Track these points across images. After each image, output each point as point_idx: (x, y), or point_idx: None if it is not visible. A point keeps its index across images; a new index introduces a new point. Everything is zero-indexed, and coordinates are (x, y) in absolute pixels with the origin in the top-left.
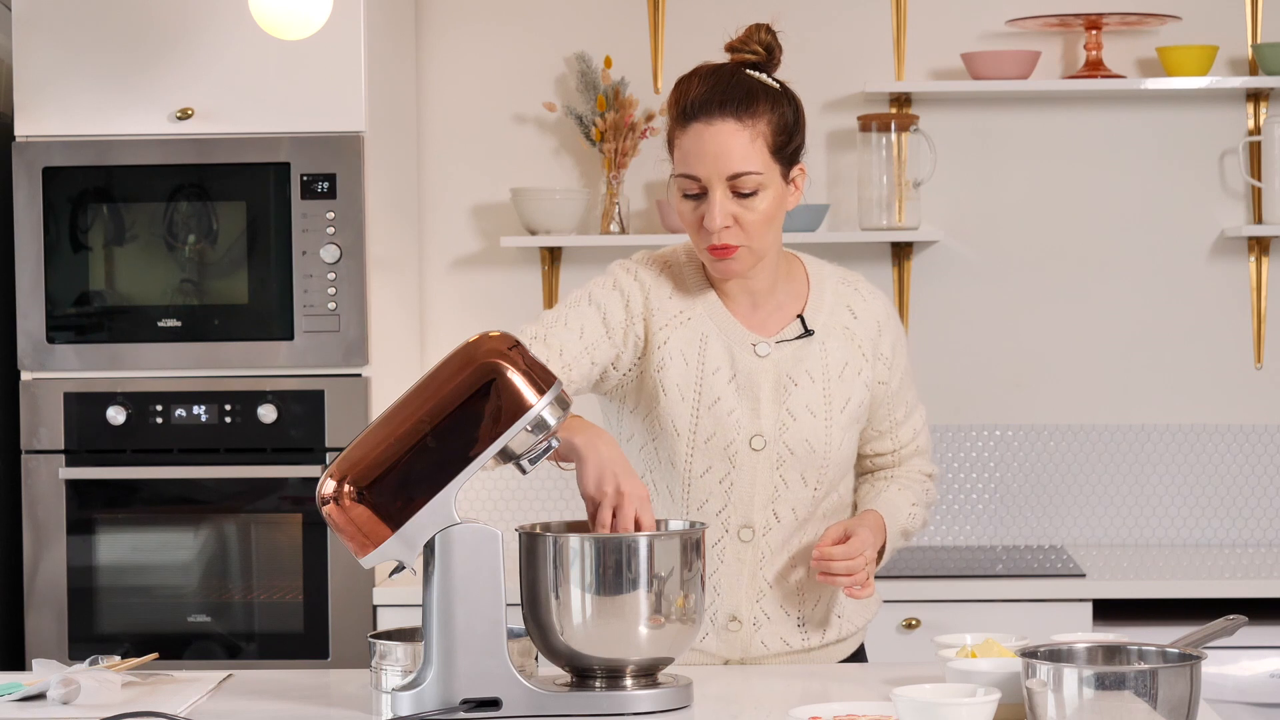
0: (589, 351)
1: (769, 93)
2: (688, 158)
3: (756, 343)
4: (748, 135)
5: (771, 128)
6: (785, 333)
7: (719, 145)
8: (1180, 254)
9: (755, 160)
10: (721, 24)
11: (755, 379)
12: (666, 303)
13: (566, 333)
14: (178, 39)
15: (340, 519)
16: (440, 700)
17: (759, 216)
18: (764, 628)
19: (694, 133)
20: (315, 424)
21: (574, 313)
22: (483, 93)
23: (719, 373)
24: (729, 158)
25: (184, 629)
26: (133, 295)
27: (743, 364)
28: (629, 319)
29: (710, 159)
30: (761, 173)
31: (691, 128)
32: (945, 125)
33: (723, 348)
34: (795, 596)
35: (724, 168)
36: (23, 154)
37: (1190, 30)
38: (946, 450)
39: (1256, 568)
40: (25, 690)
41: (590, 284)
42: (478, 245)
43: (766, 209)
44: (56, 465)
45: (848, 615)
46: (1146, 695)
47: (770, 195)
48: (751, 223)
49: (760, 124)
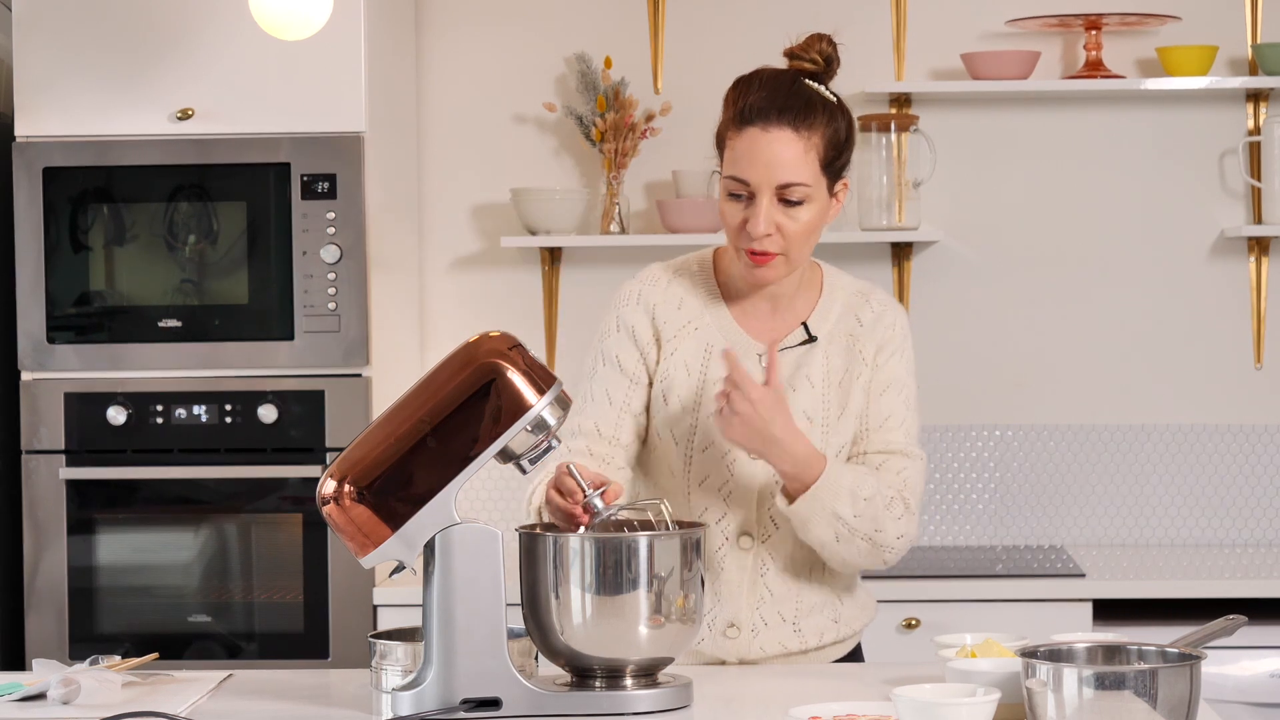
0: (627, 408)
1: (826, 105)
2: (739, 161)
3: (761, 352)
4: (801, 146)
5: (825, 141)
6: (789, 339)
7: (773, 153)
8: (1180, 254)
9: (806, 172)
10: (722, 24)
11: None
12: (675, 314)
13: (595, 406)
14: (178, 39)
15: (340, 519)
16: (440, 700)
17: (801, 227)
18: (762, 634)
19: (749, 137)
20: (315, 424)
21: (595, 383)
22: (483, 93)
23: (720, 382)
24: (781, 166)
25: (184, 629)
26: (133, 295)
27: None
28: (641, 351)
29: (762, 165)
30: (810, 185)
31: (747, 131)
32: (945, 125)
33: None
34: (793, 603)
35: (775, 176)
36: (23, 154)
37: (1190, 30)
38: (946, 450)
39: (1256, 568)
40: (25, 690)
41: (598, 334)
42: (478, 245)
43: (809, 220)
44: (57, 465)
45: (845, 619)
46: (1146, 695)
47: (815, 207)
48: (794, 232)
49: (815, 136)
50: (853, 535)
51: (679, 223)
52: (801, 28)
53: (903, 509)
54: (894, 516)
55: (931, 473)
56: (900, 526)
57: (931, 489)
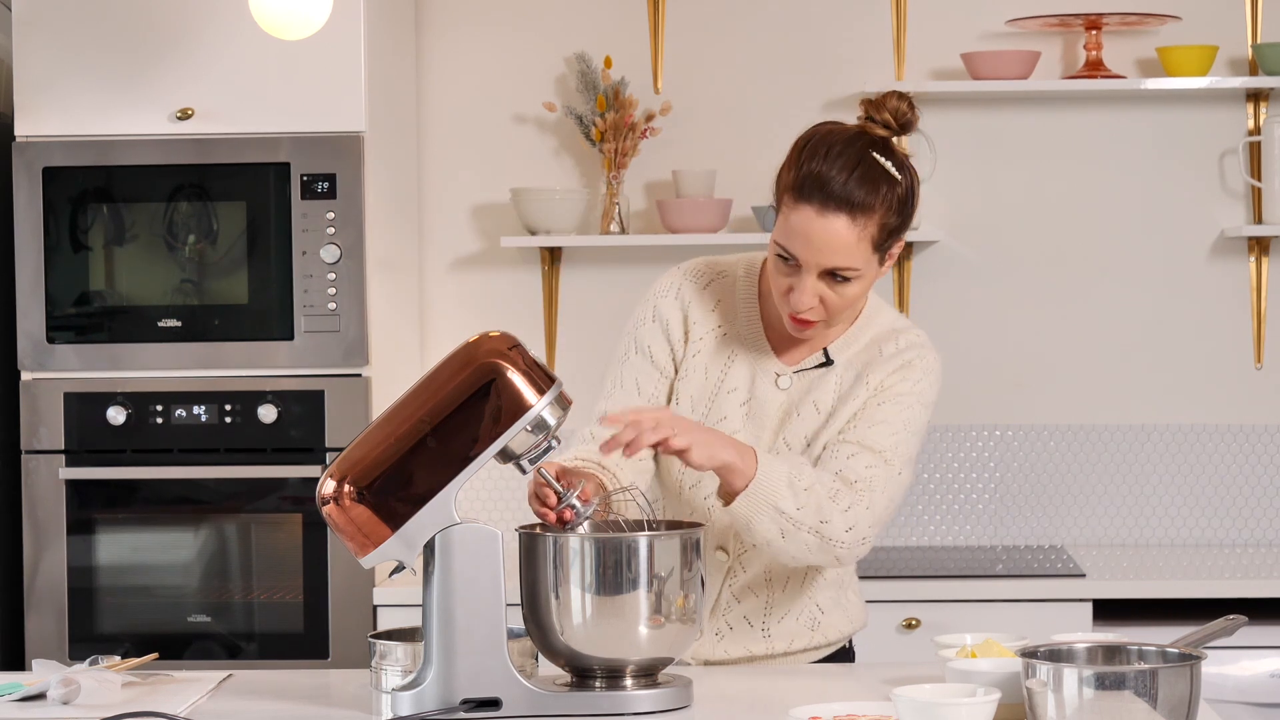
0: (655, 400)
1: (890, 183)
2: (791, 237)
3: (780, 374)
4: (856, 235)
5: (879, 226)
6: (806, 361)
7: (825, 240)
8: (1180, 254)
9: (857, 258)
10: (721, 24)
11: (767, 409)
12: (708, 315)
13: (625, 394)
14: (178, 39)
15: (340, 519)
16: (440, 700)
17: (845, 301)
18: (727, 638)
19: (803, 215)
20: (315, 424)
21: (626, 369)
22: (483, 93)
23: (734, 393)
24: (832, 253)
25: (184, 629)
26: (133, 295)
27: (760, 391)
28: (671, 346)
29: (814, 249)
30: (860, 269)
31: (801, 208)
32: (945, 125)
33: (747, 372)
34: (762, 612)
35: (824, 260)
36: (23, 154)
37: (1190, 30)
38: (946, 450)
39: (1256, 568)
40: (25, 690)
41: (633, 318)
42: (478, 245)
43: (855, 293)
44: (56, 465)
45: (824, 627)
46: (1146, 695)
47: (863, 283)
48: (837, 305)
49: (872, 224)
50: (797, 529)
51: (679, 223)
52: (802, 27)
53: (850, 501)
54: (840, 509)
55: (932, 472)
56: (848, 519)
57: (931, 489)
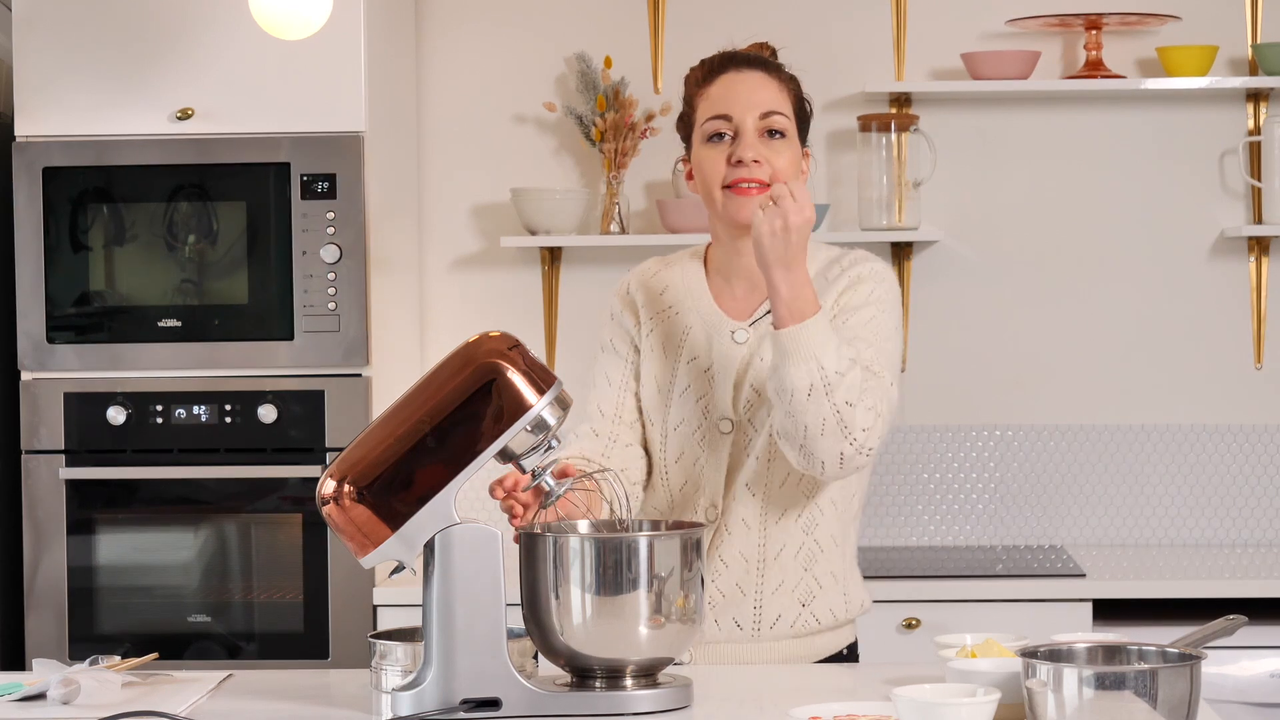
0: (626, 387)
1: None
2: (717, 102)
3: (735, 329)
4: (776, 84)
5: (792, 89)
6: (759, 311)
7: (750, 88)
8: (1180, 254)
9: (784, 105)
10: (721, 24)
11: (729, 365)
12: (657, 299)
13: (597, 390)
14: (178, 39)
15: (340, 519)
16: (440, 700)
17: (784, 163)
18: (718, 606)
19: (724, 81)
20: (315, 424)
21: (596, 370)
22: (483, 93)
23: (695, 361)
24: (762, 97)
25: (184, 629)
26: (133, 295)
27: (719, 351)
28: (629, 339)
29: (743, 99)
30: (788, 118)
31: (720, 78)
32: (945, 125)
33: (703, 338)
34: (755, 576)
35: (757, 104)
36: (23, 154)
37: (1190, 30)
38: (946, 450)
39: (1256, 568)
40: (25, 690)
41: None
42: (478, 245)
43: (790, 158)
44: (56, 465)
45: (820, 608)
46: (1146, 695)
47: (793, 149)
48: (779, 167)
49: (785, 82)
50: (827, 395)
51: (679, 222)
52: (802, 27)
53: (874, 400)
54: (866, 405)
55: (932, 473)
56: (869, 418)
57: (931, 489)
